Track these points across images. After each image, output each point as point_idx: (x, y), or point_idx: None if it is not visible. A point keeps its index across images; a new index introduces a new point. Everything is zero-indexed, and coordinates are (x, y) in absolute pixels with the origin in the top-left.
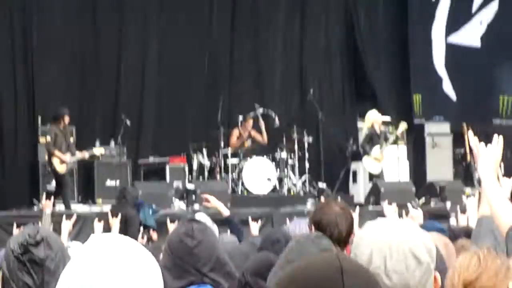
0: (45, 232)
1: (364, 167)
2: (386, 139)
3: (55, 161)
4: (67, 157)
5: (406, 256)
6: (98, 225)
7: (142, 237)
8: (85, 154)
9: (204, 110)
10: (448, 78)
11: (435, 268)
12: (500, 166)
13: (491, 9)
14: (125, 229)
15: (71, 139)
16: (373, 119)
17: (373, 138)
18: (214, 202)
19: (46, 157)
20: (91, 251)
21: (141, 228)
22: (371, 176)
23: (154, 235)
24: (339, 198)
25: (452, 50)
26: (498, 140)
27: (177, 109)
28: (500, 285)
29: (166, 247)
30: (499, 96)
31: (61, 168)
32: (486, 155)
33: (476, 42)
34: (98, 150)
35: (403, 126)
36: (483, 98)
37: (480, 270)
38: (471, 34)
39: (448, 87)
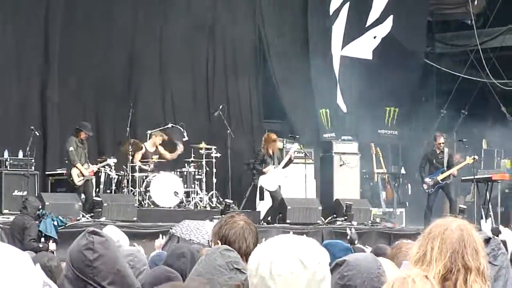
0: None
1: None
2: (279, 161)
3: (74, 172)
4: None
5: (292, 260)
6: None
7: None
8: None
9: (113, 124)
10: (339, 90)
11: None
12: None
13: (386, 25)
14: (22, 238)
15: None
16: (268, 142)
17: (266, 160)
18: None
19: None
20: None
21: (42, 239)
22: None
23: (52, 246)
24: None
25: (344, 62)
26: None
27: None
28: None
29: (68, 258)
30: (384, 107)
31: (78, 180)
32: None
33: (368, 55)
34: (111, 161)
35: (294, 146)
36: (371, 109)
37: None
38: (363, 47)
39: (340, 100)
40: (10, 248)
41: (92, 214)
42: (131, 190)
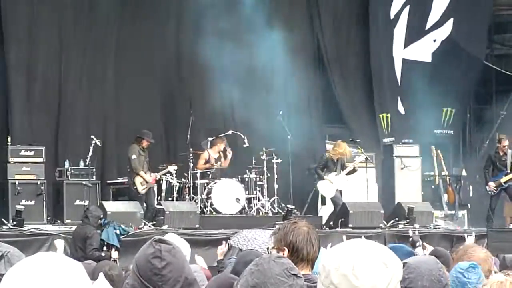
0: None
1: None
2: (343, 168)
3: (137, 181)
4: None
5: (374, 260)
6: (59, 244)
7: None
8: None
9: (173, 131)
10: (399, 94)
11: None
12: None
13: (446, 28)
14: (84, 248)
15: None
16: (336, 151)
17: (329, 165)
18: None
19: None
20: (19, 270)
21: (104, 248)
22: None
23: (114, 254)
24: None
25: (404, 65)
26: None
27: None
28: None
29: (134, 267)
30: (442, 108)
31: (141, 188)
32: None
33: (427, 58)
34: (173, 168)
35: (361, 157)
36: (428, 110)
37: None
38: (423, 50)
39: (399, 102)
40: (63, 258)
41: (154, 222)
42: (193, 197)
